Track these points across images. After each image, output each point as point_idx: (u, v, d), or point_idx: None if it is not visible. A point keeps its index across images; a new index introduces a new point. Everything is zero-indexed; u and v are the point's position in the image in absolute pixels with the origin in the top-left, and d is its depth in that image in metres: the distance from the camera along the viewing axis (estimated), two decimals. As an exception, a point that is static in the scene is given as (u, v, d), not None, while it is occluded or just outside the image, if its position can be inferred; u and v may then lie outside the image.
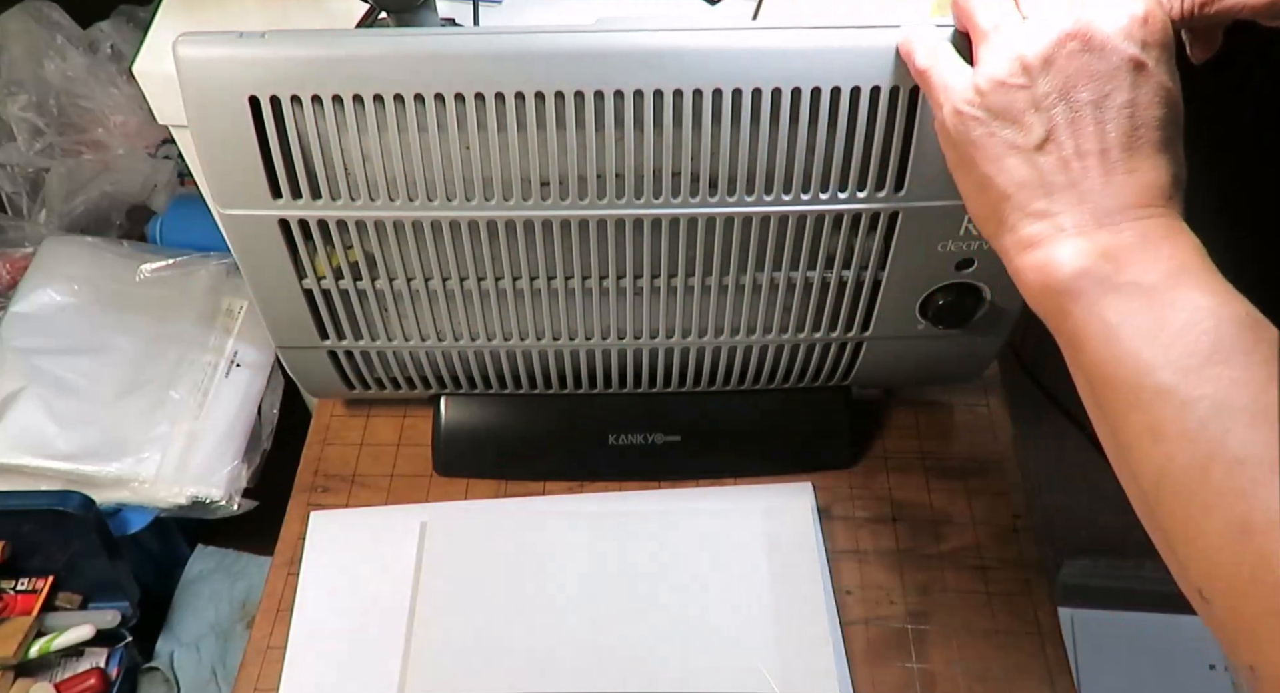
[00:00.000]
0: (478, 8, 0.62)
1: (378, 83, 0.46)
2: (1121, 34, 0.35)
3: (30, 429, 0.89)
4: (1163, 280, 0.33)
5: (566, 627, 0.59)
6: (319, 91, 0.46)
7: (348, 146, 0.48)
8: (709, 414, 0.66)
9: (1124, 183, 0.34)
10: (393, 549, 0.63)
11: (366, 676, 0.58)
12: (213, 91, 0.46)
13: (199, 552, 1.07)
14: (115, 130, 1.04)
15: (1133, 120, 0.34)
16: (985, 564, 0.62)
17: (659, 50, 0.45)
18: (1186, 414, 0.31)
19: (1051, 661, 0.58)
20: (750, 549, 0.62)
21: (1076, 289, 0.34)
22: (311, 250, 0.54)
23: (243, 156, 0.49)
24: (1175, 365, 0.32)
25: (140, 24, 1.03)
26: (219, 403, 0.95)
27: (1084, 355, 0.35)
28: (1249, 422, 0.30)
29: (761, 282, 0.56)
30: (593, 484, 0.66)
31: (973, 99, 0.37)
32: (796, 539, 0.62)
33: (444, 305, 0.57)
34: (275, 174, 0.50)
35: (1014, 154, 0.36)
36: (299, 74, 0.46)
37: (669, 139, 0.48)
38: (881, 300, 0.57)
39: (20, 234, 1.06)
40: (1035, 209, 0.36)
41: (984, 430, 0.68)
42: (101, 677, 0.89)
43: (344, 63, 0.46)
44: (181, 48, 0.45)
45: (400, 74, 0.46)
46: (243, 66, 0.46)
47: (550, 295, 0.57)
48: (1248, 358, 0.31)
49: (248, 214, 0.51)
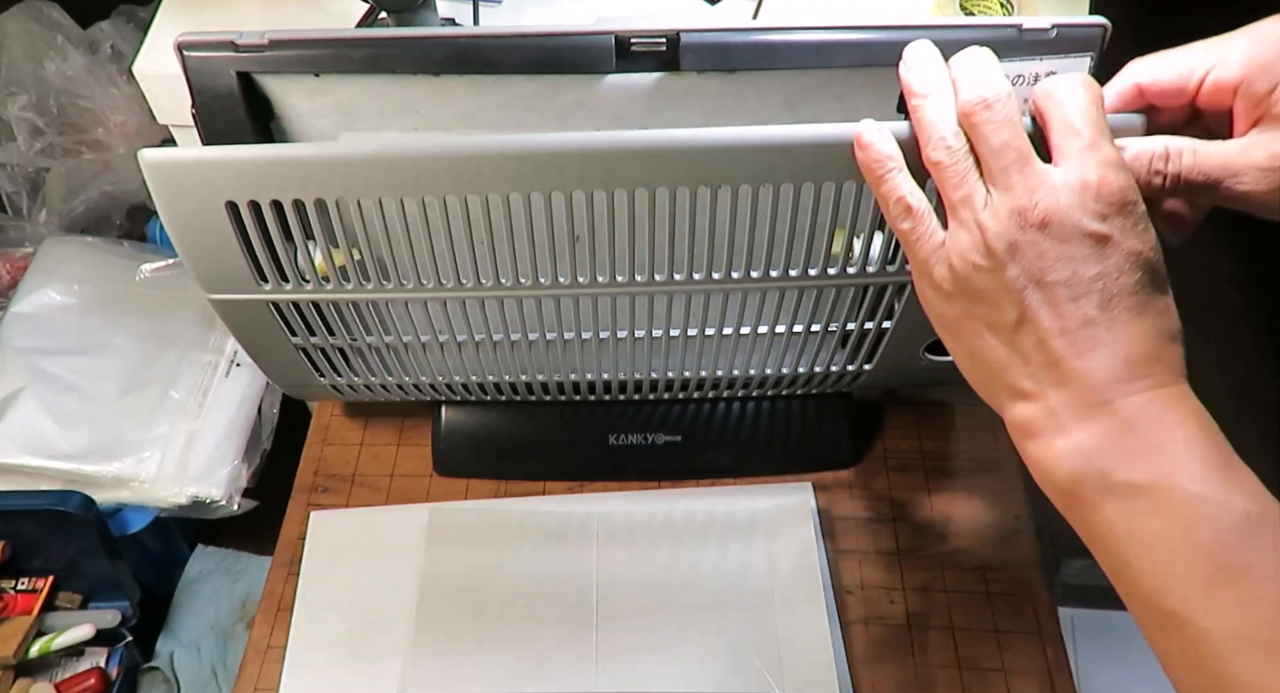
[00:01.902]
0: (478, 7, 0.62)
1: (359, 189, 0.43)
2: (1077, 209, 0.33)
3: (30, 429, 0.89)
4: (1157, 479, 0.32)
5: (566, 627, 0.59)
6: (300, 196, 0.43)
7: (335, 241, 0.47)
8: (709, 414, 0.66)
9: (1106, 358, 0.33)
10: (393, 550, 0.63)
11: (366, 676, 0.58)
12: (186, 197, 0.44)
13: (199, 552, 1.07)
14: (115, 130, 1.04)
15: (1105, 292, 0.33)
16: (985, 564, 0.62)
17: (667, 150, 0.43)
18: (1201, 648, 0.30)
19: (1051, 661, 0.58)
20: (750, 550, 0.62)
21: (1076, 494, 0.34)
22: (303, 320, 0.52)
23: (224, 253, 0.46)
24: (1183, 592, 0.31)
25: (140, 24, 1.03)
26: (219, 403, 0.96)
27: (1100, 557, 0.34)
28: (1265, 658, 0.29)
29: (765, 333, 0.56)
30: (593, 484, 0.66)
31: (947, 277, 0.36)
32: (796, 539, 0.62)
33: (440, 353, 0.56)
34: (260, 265, 0.48)
35: (993, 334, 0.35)
36: (277, 180, 0.43)
37: (680, 230, 0.46)
38: (887, 344, 0.56)
39: (20, 234, 1.06)
40: (1024, 389, 0.35)
41: (984, 430, 0.68)
42: (101, 677, 0.89)
43: (321, 168, 0.43)
44: (148, 155, 0.42)
45: (381, 178, 0.43)
46: (216, 172, 0.43)
47: (548, 346, 0.56)
48: (1253, 573, 0.30)
49: (235, 298, 0.50)
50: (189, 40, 0.46)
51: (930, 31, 0.46)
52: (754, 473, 0.66)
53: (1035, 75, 0.47)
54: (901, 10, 0.63)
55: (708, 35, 0.46)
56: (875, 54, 0.47)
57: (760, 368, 0.59)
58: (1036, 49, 0.46)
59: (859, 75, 0.49)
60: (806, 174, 0.43)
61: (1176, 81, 0.38)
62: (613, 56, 0.47)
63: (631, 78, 0.48)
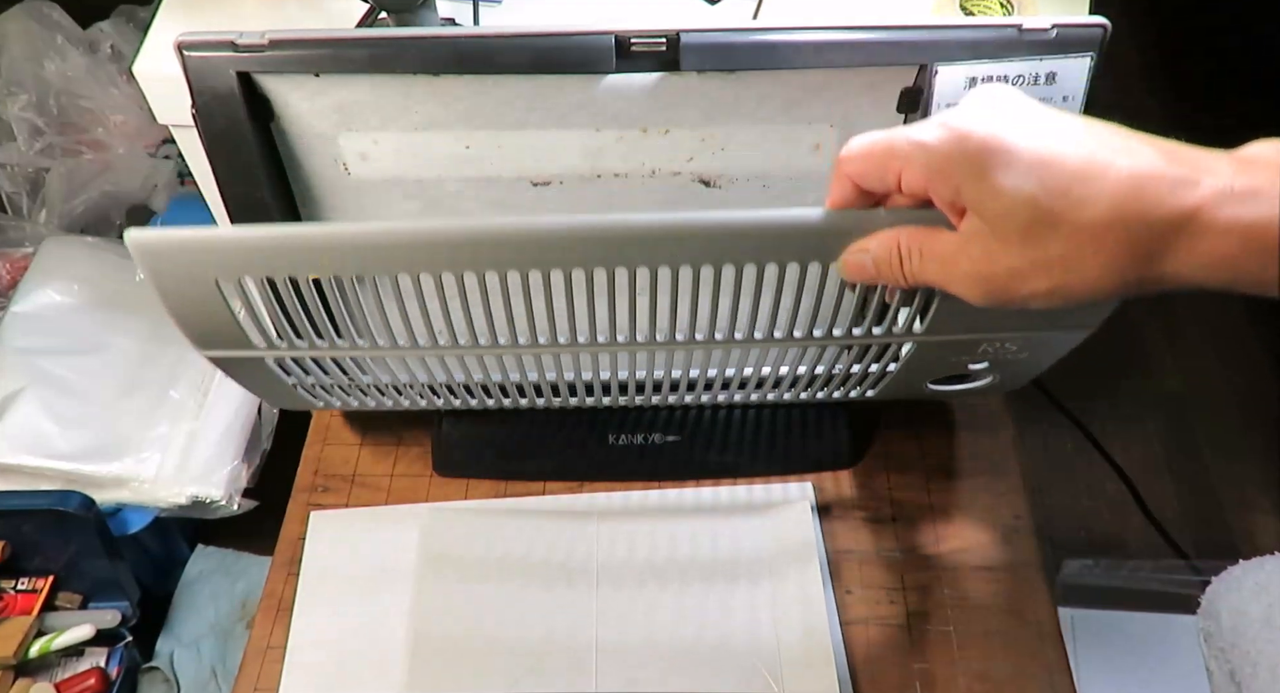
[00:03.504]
0: (478, 7, 0.62)
1: (351, 268, 0.43)
2: None
3: (30, 429, 0.89)
4: None
5: (566, 627, 0.59)
6: (293, 274, 0.43)
7: (328, 309, 0.46)
8: (710, 415, 0.67)
9: None
10: (393, 549, 0.63)
11: (366, 676, 0.58)
12: (174, 275, 0.43)
13: (199, 552, 1.07)
14: (115, 130, 1.04)
15: None
16: (985, 564, 0.62)
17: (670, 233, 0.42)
18: None
19: (1051, 661, 0.58)
20: (750, 549, 0.62)
21: None
22: (300, 367, 0.52)
23: (216, 322, 0.46)
24: None
25: (140, 24, 1.03)
26: (219, 403, 0.96)
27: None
28: None
29: (769, 375, 0.56)
30: (593, 484, 0.66)
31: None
32: (796, 539, 0.62)
33: (437, 385, 0.56)
34: (254, 331, 0.47)
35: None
36: (265, 260, 0.42)
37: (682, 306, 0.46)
38: (891, 378, 0.56)
39: (20, 234, 1.06)
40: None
41: (984, 430, 0.68)
42: (101, 677, 0.89)
43: (311, 249, 0.42)
44: (135, 236, 0.41)
45: (372, 259, 0.43)
46: (203, 253, 0.42)
47: (549, 387, 0.57)
48: None
49: (230, 355, 0.49)
50: (189, 40, 0.46)
51: (930, 31, 0.46)
52: (754, 473, 0.66)
53: (1035, 75, 0.47)
54: (901, 10, 0.63)
55: (708, 35, 0.46)
56: (875, 54, 0.47)
57: (762, 396, 0.60)
58: (1036, 49, 0.46)
59: (859, 75, 0.49)
60: (808, 255, 0.42)
61: (880, 181, 0.38)
62: (613, 56, 0.47)
63: (631, 78, 0.48)
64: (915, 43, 0.47)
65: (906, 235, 0.38)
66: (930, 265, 0.37)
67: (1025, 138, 0.33)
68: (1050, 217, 0.33)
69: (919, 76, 0.48)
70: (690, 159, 0.52)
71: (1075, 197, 0.33)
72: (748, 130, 0.51)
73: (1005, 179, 0.33)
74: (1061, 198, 0.33)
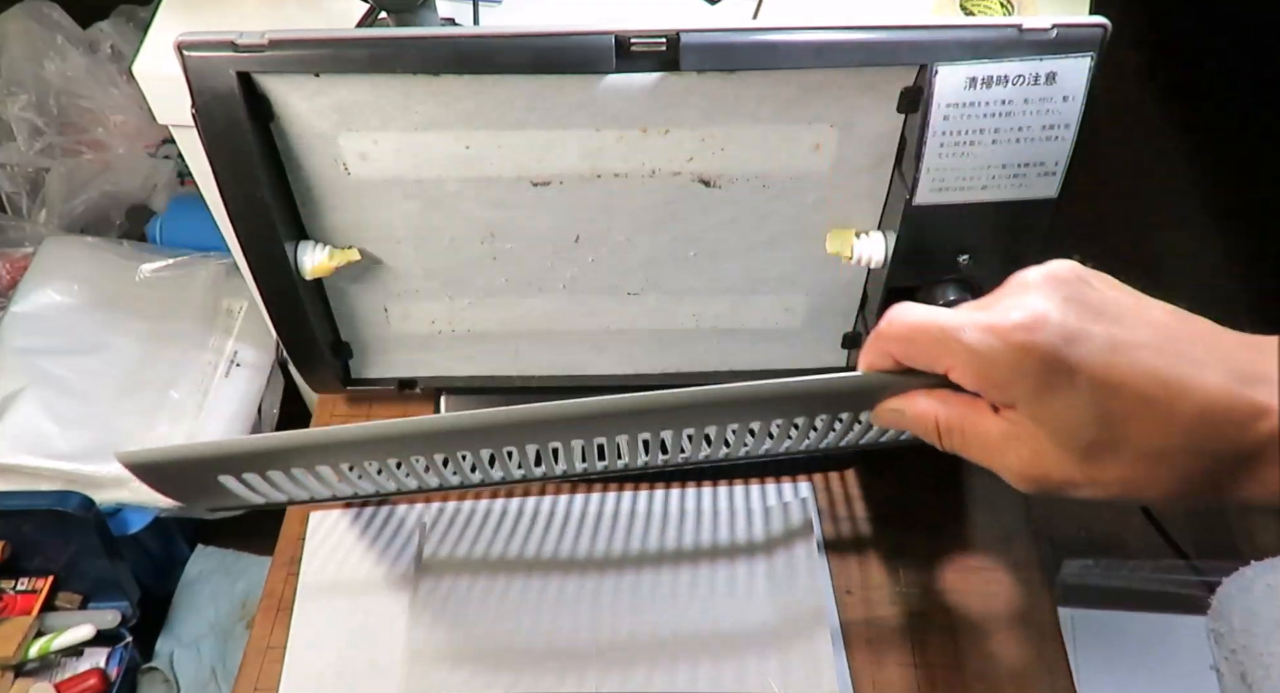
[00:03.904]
0: (478, 7, 0.62)
1: (332, 459, 0.45)
2: None
3: (30, 429, 0.89)
4: None
5: (565, 627, 0.59)
6: (277, 468, 0.45)
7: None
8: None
9: None
10: (392, 549, 0.63)
11: (366, 675, 0.58)
12: (164, 481, 0.47)
13: (199, 552, 1.07)
14: (115, 130, 1.04)
15: None
16: (985, 565, 0.62)
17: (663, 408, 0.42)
18: None
19: (1051, 661, 0.58)
20: (750, 549, 0.62)
21: None
22: None
23: (208, 498, 0.49)
24: None
25: (140, 24, 1.03)
26: (219, 403, 0.95)
27: None
28: None
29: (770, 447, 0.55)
30: (592, 485, 0.66)
31: None
32: (796, 539, 0.62)
33: None
34: (239, 499, 0.49)
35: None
36: (251, 463, 0.45)
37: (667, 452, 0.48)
38: None
39: (20, 234, 1.06)
40: None
41: (984, 430, 0.68)
42: (101, 677, 0.89)
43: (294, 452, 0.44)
44: (124, 459, 0.44)
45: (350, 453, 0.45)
46: (192, 464, 0.45)
47: None
48: None
49: (215, 505, 0.51)
50: (189, 40, 0.46)
51: (930, 31, 0.46)
52: (754, 473, 0.66)
53: (1035, 75, 0.47)
54: (901, 10, 0.63)
55: (708, 35, 0.46)
56: (875, 54, 0.47)
57: None
58: (1036, 49, 0.46)
59: (859, 75, 0.49)
60: (837, 411, 0.42)
61: (925, 366, 0.36)
62: (613, 56, 0.47)
63: (631, 78, 0.48)
64: (915, 43, 0.46)
65: (945, 413, 0.36)
66: (973, 447, 0.36)
67: (1088, 355, 0.31)
68: (1113, 443, 0.32)
69: (919, 76, 0.48)
70: (690, 159, 0.52)
71: (1140, 424, 0.31)
72: (748, 130, 0.51)
73: (1066, 402, 0.32)
74: (1125, 425, 0.31)
